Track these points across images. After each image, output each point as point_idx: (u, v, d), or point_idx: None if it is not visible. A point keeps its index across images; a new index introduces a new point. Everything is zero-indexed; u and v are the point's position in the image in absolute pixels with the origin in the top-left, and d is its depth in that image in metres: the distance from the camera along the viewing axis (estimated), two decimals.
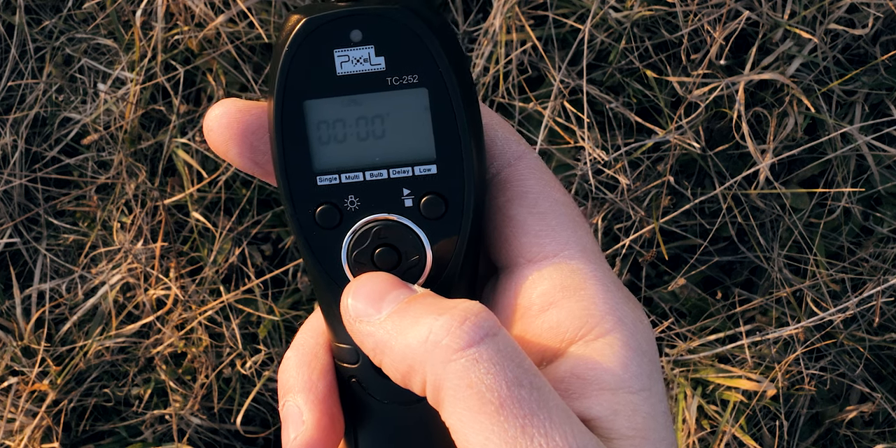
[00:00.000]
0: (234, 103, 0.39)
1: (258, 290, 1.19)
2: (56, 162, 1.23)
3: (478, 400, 0.33)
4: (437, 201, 0.38)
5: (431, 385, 0.34)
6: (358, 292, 0.37)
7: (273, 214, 1.20)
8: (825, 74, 1.16)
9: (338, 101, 0.38)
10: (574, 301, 0.37)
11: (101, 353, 1.20)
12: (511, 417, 0.32)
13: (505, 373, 0.33)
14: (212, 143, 0.39)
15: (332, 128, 0.38)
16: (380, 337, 0.36)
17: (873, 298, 1.14)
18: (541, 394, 0.33)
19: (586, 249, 0.38)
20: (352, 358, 0.40)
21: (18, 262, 1.25)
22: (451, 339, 0.34)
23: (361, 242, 0.38)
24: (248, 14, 1.14)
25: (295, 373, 0.40)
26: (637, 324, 0.37)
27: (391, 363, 0.35)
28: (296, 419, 0.39)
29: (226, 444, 1.24)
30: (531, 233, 0.39)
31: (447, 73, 0.37)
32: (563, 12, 1.13)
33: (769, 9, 1.11)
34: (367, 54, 0.37)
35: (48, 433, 1.19)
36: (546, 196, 0.39)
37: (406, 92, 0.38)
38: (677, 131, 1.12)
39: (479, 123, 0.38)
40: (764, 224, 1.20)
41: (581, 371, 0.36)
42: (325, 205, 0.38)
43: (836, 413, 1.19)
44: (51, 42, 1.22)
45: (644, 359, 0.36)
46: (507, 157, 0.40)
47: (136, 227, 1.19)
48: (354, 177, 0.38)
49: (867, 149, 1.15)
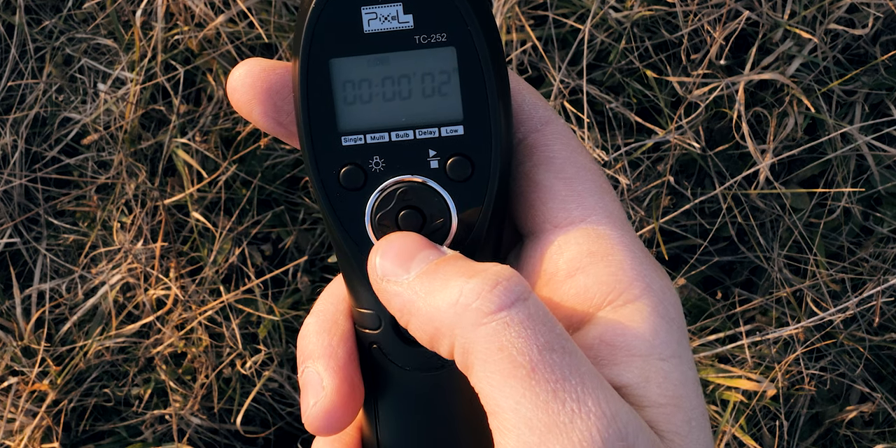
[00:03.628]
0: (258, 62, 0.38)
1: (258, 290, 1.19)
2: (56, 162, 1.23)
3: (509, 363, 0.32)
4: (463, 163, 0.37)
5: (460, 348, 0.33)
6: (387, 251, 0.36)
7: (273, 214, 1.20)
8: (825, 74, 1.16)
9: (364, 60, 0.37)
10: (601, 266, 0.36)
11: (101, 353, 1.20)
12: (543, 382, 0.32)
13: (536, 337, 0.32)
14: (235, 104, 0.39)
15: (358, 88, 0.37)
16: (407, 297, 0.35)
17: (873, 298, 1.14)
18: (573, 358, 0.32)
19: (613, 215, 0.38)
20: (373, 323, 0.39)
21: (18, 262, 1.25)
22: (482, 302, 0.33)
23: (386, 204, 0.38)
24: (248, 14, 1.14)
25: (315, 339, 0.39)
26: (665, 290, 0.36)
27: (418, 324, 0.35)
28: (315, 385, 0.38)
29: (226, 444, 1.23)
30: (558, 198, 0.38)
31: (476, 33, 0.37)
32: (563, 12, 1.13)
33: (769, 9, 1.11)
34: (395, 12, 0.37)
35: (48, 433, 1.19)
36: (573, 162, 0.38)
37: (434, 51, 0.37)
38: (677, 131, 1.12)
39: (507, 85, 0.38)
40: (764, 224, 1.20)
41: (610, 337, 0.35)
42: (349, 165, 0.38)
43: (836, 413, 1.19)
44: (51, 42, 1.22)
45: (673, 325, 0.36)
46: (534, 123, 0.39)
47: (136, 227, 1.19)
48: (380, 137, 0.38)
49: (867, 149, 1.15)
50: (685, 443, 0.34)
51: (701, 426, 0.35)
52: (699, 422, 0.35)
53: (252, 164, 1.19)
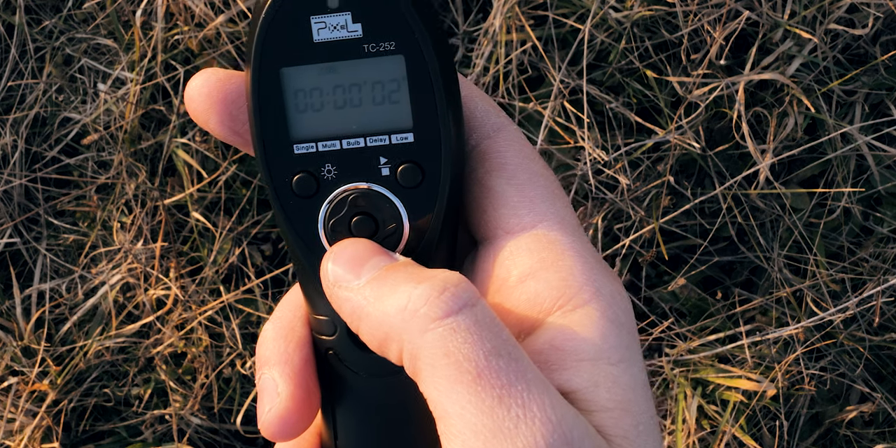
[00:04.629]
0: (214, 73, 0.39)
1: (258, 290, 1.19)
2: (56, 162, 1.23)
3: (455, 369, 0.32)
4: (413, 170, 0.38)
5: (408, 354, 0.34)
6: (338, 257, 0.37)
7: (273, 214, 1.20)
8: (825, 74, 1.16)
9: (315, 69, 0.38)
10: (552, 272, 0.37)
11: (101, 353, 1.20)
12: (488, 387, 0.32)
13: (483, 343, 0.32)
14: (192, 113, 0.39)
15: (309, 96, 0.38)
16: (357, 303, 0.35)
17: (873, 298, 1.14)
18: (519, 365, 0.33)
19: (564, 221, 0.38)
20: (329, 330, 0.39)
21: (18, 262, 1.25)
22: (430, 308, 0.33)
23: (338, 211, 0.38)
24: (248, 14, 1.14)
25: (271, 345, 0.40)
26: (615, 295, 0.37)
27: (368, 330, 0.35)
28: (271, 391, 0.39)
29: (226, 444, 1.24)
30: (509, 204, 0.38)
31: (424, 41, 0.37)
32: (563, 12, 1.13)
33: (769, 9, 1.11)
34: (343, 21, 0.37)
35: (48, 433, 1.19)
36: (525, 168, 0.39)
37: (383, 59, 0.37)
38: (677, 131, 1.12)
39: (457, 92, 0.38)
40: (764, 224, 1.20)
41: (559, 342, 0.35)
42: (301, 173, 0.38)
43: (836, 413, 1.19)
44: (51, 42, 1.22)
45: (622, 330, 0.36)
46: (487, 129, 0.40)
47: (136, 227, 1.19)
48: (331, 145, 0.38)
49: (867, 149, 1.15)
50: (633, 447, 0.34)
51: (649, 430, 0.35)
52: (647, 426, 0.35)
53: (252, 164, 1.19)
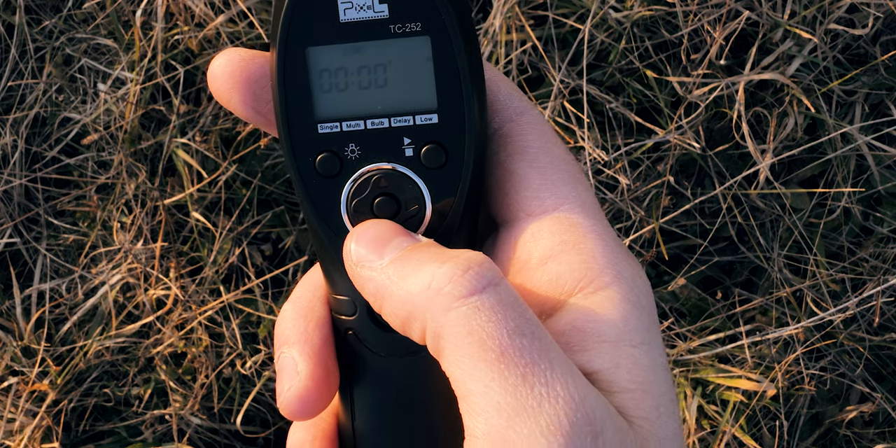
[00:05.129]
0: (237, 52, 0.39)
1: (258, 290, 1.19)
2: (56, 162, 1.23)
3: (479, 347, 0.32)
4: (437, 151, 0.38)
5: (432, 332, 0.34)
6: (361, 237, 0.37)
7: (273, 214, 1.20)
8: (825, 74, 1.16)
9: (340, 49, 0.38)
10: (573, 254, 0.37)
11: (101, 353, 1.20)
12: (512, 366, 0.32)
13: (507, 321, 0.33)
14: (215, 92, 0.39)
15: (335, 76, 0.38)
16: (381, 282, 0.36)
17: (873, 298, 1.14)
18: (542, 343, 0.33)
19: (586, 204, 0.38)
20: (349, 310, 0.39)
21: (18, 262, 1.25)
22: (454, 286, 0.33)
23: (361, 191, 0.38)
24: (248, 14, 1.14)
25: (291, 325, 0.40)
26: (636, 278, 0.37)
27: (391, 309, 0.35)
28: (290, 370, 0.39)
29: (226, 444, 1.24)
30: (531, 187, 0.39)
31: (450, 22, 0.37)
32: (563, 12, 1.13)
33: (769, 9, 1.11)
34: (370, 1, 0.37)
35: (48, 433, 1.19)
36: (547, 151, 0.39)
37: (409, 40, 0.37)
38: (677, 131, 1.12)
39: (482, 74, 0.38)
40: (764, 224, 1.20)
41: (581, 323, 0.36)
42: (325, 153, 0.38)
43: (836, 413, 1.19)
44: (51, 42, 1.22)
45: (643, 313, 0.36)
46: (510, 113, 0.40)
47: (136, 227, 1.19)
48: (356, 125, 0.38)
49: (867, 149, 1.15)
50: (653, 428, 0.34)
51: (669, 412, 0.35)
52: (668, 407, 0.35)
53: (252, 164, 1.19)
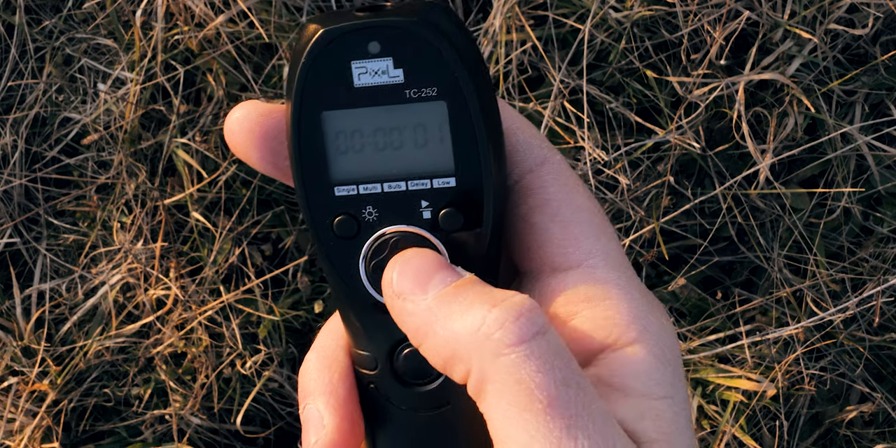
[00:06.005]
0: (255, 107, 0.39)
1: (258, 290, 1.19)
2: (56, 162, 1.23)
3: (526, 397, 0.32)
4: (455, 214, 0.38)
5: (477, 376, 0.34)
6: (404, 269, 0.37)
7: (273, 214, 1.20)
8: (825, 74, 1.16)
9: (355, 113, 0.38)
10: (599, 310, 0.37)
11: (101, 353, 1.20)
12: (557, 417, 0.32)
13: (555, 372, 0.33)
14: (233, 148, 0.39)
15: (350, 138, 0.38)
16: (424, 319, 0.35)
17: (873, 298, 1.14)
18: (586, 395, 0.33)
19: (610, 257, 0.38)
20: (370, 365, 0.40)
21: (18, 262, 1.25)
22: (504, 333, 0.33)
23: (379, 253, 0.38)
24: (248, 14, 1.14)
25: (316, 376, 0.40)
26: (661, 332, 0.37)
27: (433, 347, 0.35)
28: (316, 423, 0.39)
29: (226, 444, 1.24)
30: (554, 242, 0.38)
31: (466, 86, 0.37)
32: (563, 12, 1.13)
33: (769, 9, 1.11)
34: (385, 66, 0.37)
35: (48, 433, 1.19)
36: (569, 203, 0.39)
37: (425, 105, 0.37)
38: (677, 131, 1.12)
39: (500, 135, 0.38)
40: (764, 224, 1.20)
41: (607, 378, 0.36)
42: (342, 215, 0.38)
43: (836, 413, 1.19)
44: (51, 42, 1.22)
45: (668, 367, 0.36)
46: (529, 163, 0.39)
47: (136, 227, 1.19)
48: (372, 188, 0.38)
49: (867, 149, 1.15)
50: None
51: None
52: None
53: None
